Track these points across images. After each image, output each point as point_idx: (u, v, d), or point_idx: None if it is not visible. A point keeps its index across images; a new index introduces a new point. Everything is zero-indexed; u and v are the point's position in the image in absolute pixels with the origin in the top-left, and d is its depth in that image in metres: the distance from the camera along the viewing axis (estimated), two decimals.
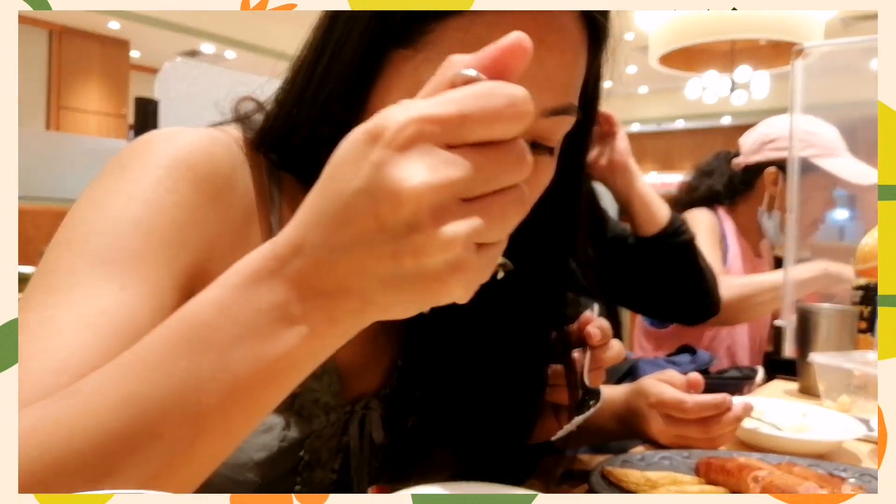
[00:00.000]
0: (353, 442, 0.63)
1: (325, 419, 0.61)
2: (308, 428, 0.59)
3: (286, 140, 0.58)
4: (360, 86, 0.53)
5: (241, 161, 0.58)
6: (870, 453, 0.86)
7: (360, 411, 0.64)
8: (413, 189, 0.30)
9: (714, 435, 0.80)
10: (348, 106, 0.53)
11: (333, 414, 0.62)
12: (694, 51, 7.70)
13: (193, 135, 0.54)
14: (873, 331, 1.27)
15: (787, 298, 1.59)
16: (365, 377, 0.66)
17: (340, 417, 0.63)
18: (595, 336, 0.69)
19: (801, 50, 1.68)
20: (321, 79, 0.54)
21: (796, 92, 1.66)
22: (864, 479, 0.69)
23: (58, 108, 7.94)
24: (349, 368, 0.64)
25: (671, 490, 0.64)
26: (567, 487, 0.73)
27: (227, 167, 0.55)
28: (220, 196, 0.54)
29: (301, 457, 0.59)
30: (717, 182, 1.87)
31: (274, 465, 0.57)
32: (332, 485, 0.63)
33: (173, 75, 1.30)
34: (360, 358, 0.65)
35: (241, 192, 0.56)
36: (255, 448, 0.56)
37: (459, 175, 0.31)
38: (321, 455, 0.61)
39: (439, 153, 0.31)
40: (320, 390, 0.61)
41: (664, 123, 12.51)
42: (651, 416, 0.82)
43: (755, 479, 0.62)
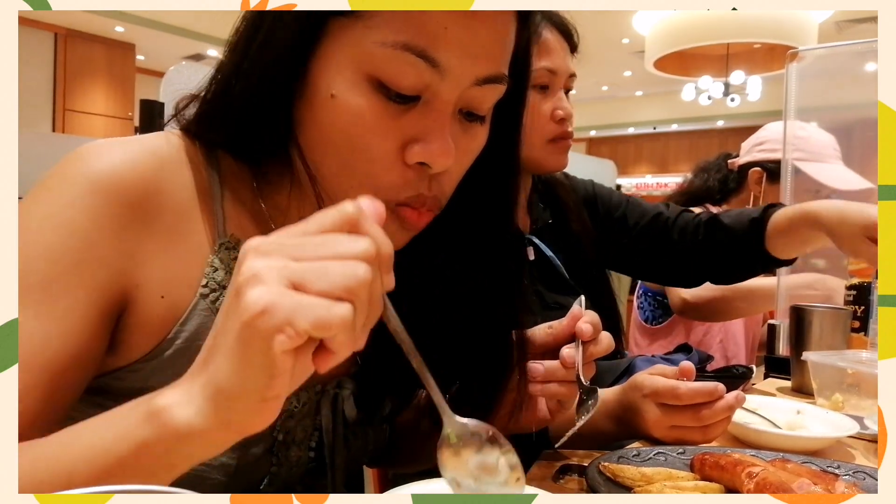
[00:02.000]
0: (325, 420, 0.64)
1: (294, 400, 0.62)
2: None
3: (223, 115, 0.59)
4: (300, 53, 0.54)
5: (177, 162, 0.58)
6: (863, 450, 0.87)
7: (331, 391, 0.66)
8: (251, 263, 0.37)
9: (707, 423, 0.81)
10: (288, 75, 0.54)
11: (304, 395, 0.63)
12: (689, 55, 7.73)
13: (113, 150, 0.55)
14: (867, 330, 1.28)
15: (781, 300, 1.60)
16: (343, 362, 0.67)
17: (312, 398, 0.64)
18: (587, 332, 0.69)
19: (795, 53, 1.69)
20: (260, 48, 0.55)
21: (790, 95, 1.68)
22: (857, 476, 0.70)
23: (64, 111, 7.94)
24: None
25: (666, 485, 0.65)
26: (564, 483, 0.73)
27: (150, 176, 0.55)
28: (142, 207, 0.55)
29: (275, 437, 0.60)
30: (713, 178, 1.94)
31: (247, 446, 0.59)
32: (310, 462, 0.64)
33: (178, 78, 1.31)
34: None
35: (173, 195, 0.57)
36: None
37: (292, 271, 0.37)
38: (296, 434, 0.62)
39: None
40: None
41: (659, 126, 12.55)
42: (646, 408, 0.83)
43: (749, 475, 0.63)
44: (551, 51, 1.08)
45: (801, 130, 1.72)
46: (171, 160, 0.58)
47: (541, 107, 1.10)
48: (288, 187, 0.61)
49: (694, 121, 11.92)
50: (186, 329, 0.56)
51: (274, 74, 0.54)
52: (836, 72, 1.75)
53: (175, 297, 0.56)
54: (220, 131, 0.60)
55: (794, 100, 1.68)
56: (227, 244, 0.58)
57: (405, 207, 0.55)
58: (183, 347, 0.56)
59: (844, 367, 1.02)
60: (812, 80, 1.69)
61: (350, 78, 0.52)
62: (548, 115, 1.10)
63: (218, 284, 0.57)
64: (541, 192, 1.25)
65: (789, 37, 6.21)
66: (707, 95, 8.21)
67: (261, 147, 0.59)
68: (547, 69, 1.08)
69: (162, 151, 0.58)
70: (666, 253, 1.26)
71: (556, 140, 1.12)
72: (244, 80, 0.56)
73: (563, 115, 1.11)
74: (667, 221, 1.27)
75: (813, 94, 1.71)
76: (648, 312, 1.95)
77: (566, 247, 1.21)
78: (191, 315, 0.56)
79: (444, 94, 0.53)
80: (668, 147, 12.87)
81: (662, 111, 12.18)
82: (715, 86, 8.03)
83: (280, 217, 0.62)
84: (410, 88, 0.52)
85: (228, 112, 0.58)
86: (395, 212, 0.55)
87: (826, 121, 1.76)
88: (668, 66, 7.85)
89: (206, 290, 0.57)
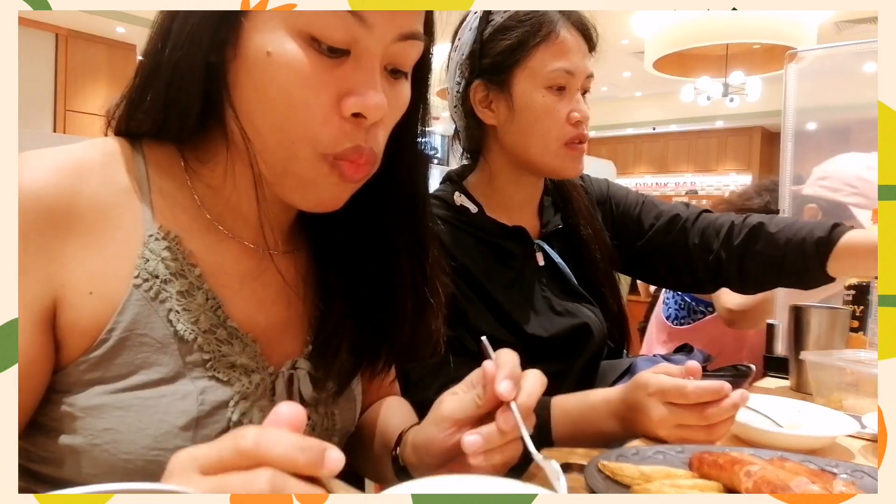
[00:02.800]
0: (279, 401, 0.65)
1: (247, 381, 0.63)
2: (229, 391, 0.62)
3: (148, 103, 0.61)
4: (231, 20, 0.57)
5: (100, 166, 0.61)
6: (861, 450, 0.87)
7: (287, 371, 0.67)
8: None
9: (712, 422, 0.80)
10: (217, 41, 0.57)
11: (256, 375, 0.64)
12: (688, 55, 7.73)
13: (30, 163, 0.58)
14: (865, 330, 1.28)
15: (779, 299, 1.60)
16: (288, 340, 0.69)
17: (266, 378, 0.65)
18: (508, 393, 0.59)
19: (794, 54, 1.70)
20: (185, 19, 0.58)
21: (789, 95, 1.68)
22: (855, 475, 0.70)
23: (64, 111, 7.94)
24: (269, 333, 0.67)
25: (665, 484, 0.65)
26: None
27: (65, 183, 0.58)
28: (58, 213, 0.57)
29: (229, 418, 0.61)
30: (774, 202, 1.84)
31: (201, 428, 0.60)
32: None
33: None
34: (279, 323, 0.69)
35: (93, 197, 0.59)
36: (174, 415, 0.58)
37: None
38: (253, 415, 0.63)
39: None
40: (234, 354, 0.63)
41: (659, 127, 12.55)
42: (651, 406, 0.83)
43: (748, 474, 0.63)
44: (569, 51, 1.05)
45: (869, 171, 1.63)
46: (92, 165, 0.60)
47: (557, 108, 1.06)
48: (223, 164, 0.64)
49: (693, 121, 11.92)
50: (123, 319, 0.58)
51: (202, 42, 0.57)
52: (836, 72, 1.75)
53: (106, 292, 0.58)
54: (145, 120, 0.63)
55: (793, 100, 1.68)
56: (157, 236, 0.61)
57: (344, 161, 0.59)
58: (122, 337, 0.58)
59: (843, 367, 1.02)
60: (811, 80, 1.69)
61: (283, 36, 0.56)
62: (564, 117, 1.06)
63: (150, 274, 0.60)
64: (553, 196, 1.23)
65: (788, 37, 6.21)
66: (706, 96, 8.21)
67: (190, 123, 0.62)
68: (565, 70, 1.05)
69: (82, 158, 0.60)
70: (682, 257, 1.20)
71: (571, 144, 1.08)
72: (173, 53, 0.59)
73: (579, 117, 1.07)
74: (685, 223, 1.21)
75: (812, 94, 1.71)
76: (672, 310, 1.96)
77: (576, 252, 1.19)
78: (126, 306, 0.58)
79: (372, 48, 0.57)
80: (667, 147, 12.87)
81: (661, 112, 12.18)
82: (714, 86, 8.03)
83: (213, 197, 0.65)
84: (341, 42, 0.56)
85: (154, 97, 0.61)
86: (334, 166, 0.59)
87: (825, 121, 1.76)
88: (668, 66, 7.85)
89: (139, 280, 0.59)
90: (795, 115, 1.69)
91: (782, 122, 1.70)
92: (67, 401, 0.58)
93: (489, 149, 1.14)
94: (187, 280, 0.61)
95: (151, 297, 0.59)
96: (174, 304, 0.60)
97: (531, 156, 1.08)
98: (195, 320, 0.61)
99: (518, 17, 1.06)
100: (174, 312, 0.60)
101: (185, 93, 0.59)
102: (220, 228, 0.66)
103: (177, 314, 0.60)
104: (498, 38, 1.06)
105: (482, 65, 1.07)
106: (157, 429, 0.57)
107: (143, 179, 0.62)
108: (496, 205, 1.14)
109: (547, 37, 1.04)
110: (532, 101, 1.05)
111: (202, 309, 0.62)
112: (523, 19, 1.05)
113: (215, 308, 0.63)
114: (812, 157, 1.74)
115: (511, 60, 1.05)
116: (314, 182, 0.60)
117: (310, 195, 0.61)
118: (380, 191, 0.69)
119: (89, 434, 0.57)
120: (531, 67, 1.05)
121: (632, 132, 12.89)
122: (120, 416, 0.57)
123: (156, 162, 0.64)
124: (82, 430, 0.57)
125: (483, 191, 1.15)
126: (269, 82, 0.56)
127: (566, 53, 1.05)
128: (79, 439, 0.57)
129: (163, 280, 0.60)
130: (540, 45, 1.04)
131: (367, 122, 0.58)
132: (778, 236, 1.10)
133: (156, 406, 0.58)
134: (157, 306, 0.60)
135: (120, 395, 0.57)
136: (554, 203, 1.23)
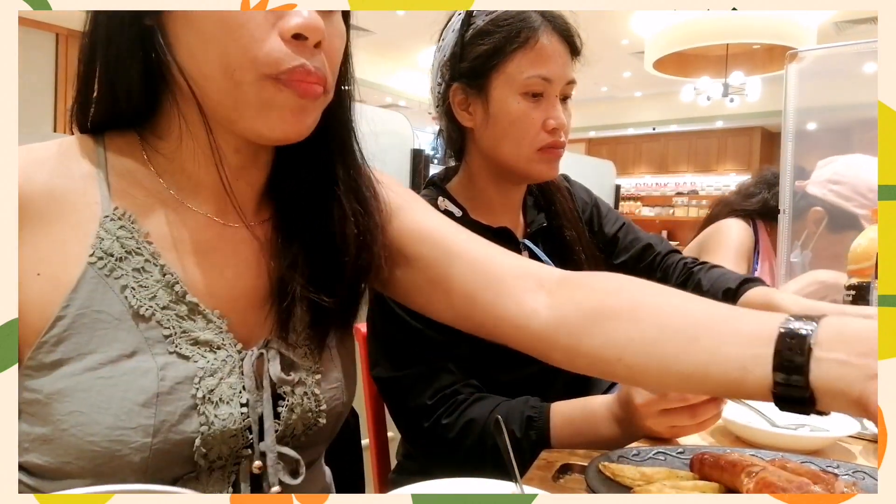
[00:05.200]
0: (247, 380, 0.65)
1: (212, 357, 0.63)
2: (192, 367, 0.62)
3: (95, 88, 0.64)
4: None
5: (57, 156, 0.63)
6: (863, 451, 0.87)
7: (257, 351, 0.66)
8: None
9: (701, 419, 0.84)
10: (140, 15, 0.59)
11: (223, 352, 0.64)
12: (688, 56, 7.74)
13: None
14: None
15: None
16: (256, 315, 0.69)
17: (233, 356, 0.65)
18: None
19: (794, 54, 1.70)
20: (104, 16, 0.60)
21: (790, 96, 1.68)
22: (857, 476, 0.70)
23: (65, 111, 7.96)
24: (237, 309, 0.67)
25: (665, 485, 0.65)
26: (564, 483, 0.74)
27: (40, 179, 0.61)
28: (39, 209, 0.60)
29: (194, 395, 0.61)
30: (774, 198, 1.83)
31: (163, 405, 0.59)
32: (245, 420, 0.64)
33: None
34: (245, 297, 0.68)
35: (45, 184, 0.61)
36: (135, 392, 0.58)
37: None
38: (222, 391, 0.63)
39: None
40: (196, 330, 0.63)
41: (659, 127, 12.55)
42: (634, 393, 0.86)
43: (748, 475, 0.63)
44: (548, 58, 1.04)
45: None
46: (47, 156, 0.63)
47: (531, 115, 1.04)
48: (177, 132, 0.65)
49: (693, 121, 11.93)
50: (78, 297, 0.59)
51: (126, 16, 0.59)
52: (836, 72, 1.75)
53: (56, 272, 0.59)
54: (98, 111, 0.65)
55: (793, 100, 1.68)
56: (112, 216, 0.62)
57: (292, 81, 0.59)
58: (78, 314, 0.59)
59: None
60: (811, 80, 1.69)
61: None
62: (539, 124, 1.05)
63: (105, 253, 0.61)
64: (535, 196, 1.24)
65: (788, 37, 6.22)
66: (706, 96, 8.22)
67: (136, 96, 0.63)
68: (541, 77, 1.03)
69: (38, 150, 0.63)
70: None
71: (545, 149, 1.07)
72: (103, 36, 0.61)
73: (554, 124, 1.05)
74: (655, 257, 1.27)
75: (812, 94, 1.71)
76: None
77: (560, 252, 1.20)
78: (80, 284, 0.59)
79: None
80: (667, 148, 12.88)
81: (661, 112, 12.19)
82: (714, 86, 8.04)
83: (172, 171, 0.66)
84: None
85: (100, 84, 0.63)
86: (281, 83, 0.59)
87: (825, 121, 1.76)
88: (668, 66, 7.86)
89: (94, 258, 0.60)
90: (796, 115, 1.68)
91: (782, 123, 1.70)
92: (33, 386, 0.58)
93: (468, 151, 1.14)
94: (143, 257, 0.62)
95: (106, 274, 0.60)
96: (130, 280, 0.61)
97: (504, 160, 1.08)
98: (152, 296, 0.62)
99: (498, 22, 1.05)
100: (129, 289, 0.61)
101: (123, 66, 0.61)
102: (182, 201, 0.66)
103: (132, 290, 0.61)
104: (477, 42, 1.05)
105: (461, 68, 1.07)
106: (119, 407, 0.57)
107: (100, 165, 0.64)
108: (479, 207, 1.14)
109: (525, 42, 1.03)
110: (507, 106, 1.05)
111: (159, 285, 0.62)
112: (502, 24, 1.04)
113: (172, 284, 0.63)
114: (812, 156, 1.74)
115: (489, 65, 1.05)
116: (268, 105, 0.60)
117: (272, 121, 0.60)
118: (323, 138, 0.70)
119: (57, 419, 0.57)
120: (508, 73, 1.04)
121: (632, 132, 12.90)
122: (83, 397, 0.57)
123: (115, 147, 0.66)
124: (50, 417, 0.57)
125: (466, 194, 1.15)
126: (206, 18, 0.57)
127: (544, 60, 1.04)
128: (48, 427, 0.57)
129: (117, 258, 0.61)
130: (517, 52, 1.03)
131: (309, 42, 0.59)
132: (704, 283, 1.20)
133: (116, 384, 0.58)
134: (112, 283, 0.60)
135: (82, 377, 0.57)
136: (536, 203, 1.23)
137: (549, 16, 1.06)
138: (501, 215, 1.16)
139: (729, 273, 1.22)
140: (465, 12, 1.07)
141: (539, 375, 1.05)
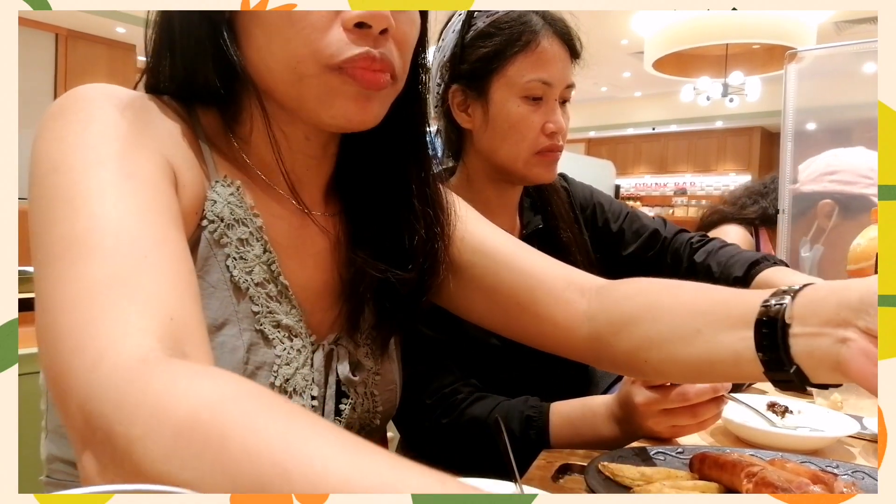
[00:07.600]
0: (317, 374, 0.65)
1: (289, 345, 0.63)
2: (271, 353, 0.61)
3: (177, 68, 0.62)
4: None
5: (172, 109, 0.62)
6: (862, 451, 0.87)
7: (328, 345, 0.66)
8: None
9: (702, 419, 0.83)
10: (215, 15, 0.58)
11: (298, 341, 0.64)
12: (687, 56, 7.75)
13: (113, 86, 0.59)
14: None
15: None
16: (325, 310, 0.68)
17: (307, 346, 0.64)
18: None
19: (794, 54, 1.70)
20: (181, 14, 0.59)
21: (789, 95, 1.68)
22: (856, 476, 0.70)
23: None
24: (311, 299, 0.66)
25: (665, 485, 0.65)
26: (564, 483, 0.74)
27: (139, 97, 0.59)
28: (145, 120, 0.57)
29: (272, 383, 0.60)
30: (772, 206, 1.82)
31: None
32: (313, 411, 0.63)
33: None
34: (318, 289, 0.68)
35: (171, 129, 0.60)
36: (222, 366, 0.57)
37: None
38: (296, 383, 0.63)
39: None
40: (280, 313, 0.62)
41: (658, 127, 12.56)
42: (635, 392, 0.85)
43: (748, 475, 0.63)
44: (548, 62, 1.04)
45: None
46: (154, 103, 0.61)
47: (531, 118, 1.05)
48: (250, 118, 0.64)
49: (693, 121, 11.94)
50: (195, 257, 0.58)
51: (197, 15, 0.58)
52: (835, 72, 1.75)
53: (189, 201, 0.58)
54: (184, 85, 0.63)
55: (792, 100, 1.68)
56: (223, 183, 0.61)
57: (355, 69, 0.57)
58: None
59: None
60: (811, 80, 1.69)
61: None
62: (538, 127, 1.05)
63: (216, 216, 0.59)
64: (532, 198, 1.23)
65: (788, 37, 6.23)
66: (706, 96, 8.22)
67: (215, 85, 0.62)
68: (542, 81, 1.03)
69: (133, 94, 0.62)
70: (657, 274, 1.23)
71: (542, 152, 1.07)
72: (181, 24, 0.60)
73: (553, 128, 1.06)
74: (664, 242, 1.25)
75: (812, 94, 1.71)
76: None
77: (556, 254, 1.20)
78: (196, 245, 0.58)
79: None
80: (667, 147, 12.89)
81: (661, 112, 12.19)
82: (713, 86, 8.04)
83: (247, 149, 0.65)
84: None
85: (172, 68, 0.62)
86: (345, 73, 0.57)
87: (825, 121, 1.76)
88: (667, 66, 7.87)
89: (206, 222, 0.59)
90: (795, 115, 1.68)
91: (782, 122, 1.70)
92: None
93: (466, 151, 1.14)
94: (248, 229, 0.61)
95: (214, 241, 0.59)
96: (233, 250, 0.60)
97: (502, 162, 1.08)
98: (250, 270, 0.60)
99: (499, 24, 1.04)
100: (231, 259, 0.60)
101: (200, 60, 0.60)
102: (270, 183, 0.65)
103: (234, 261, 0.60)
104: (478, 44, 1.05)
105: (461, 70, 1.07)
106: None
107: (199, 132, 0.63)
108: (476, 207, 1.13)
109: (526, 46, 1.03)
110: (507, 109, 1.05)
111: (258, 260, 0.61)
112: (503, 26, 1.04)
113: (270, 262, 0.62)
114: (812, 156, 1.73)
115: (489, 68, 1.04)
116: (331, 95, 0.58)
117: (336, 110, 0.59)
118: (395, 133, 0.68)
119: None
120: (508, 76, 1.04)
121: (632, 132, 12.91)
122: None
123: (205, 120, 0.64)
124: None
125: (463, 195, 1.14)
126: (269, 14, 0.56)
127: (545, 64, 1.04)
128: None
129: (227, 224, 0.60)
130: (518, 55, 1.03)
131: (374, 30, 0.57)
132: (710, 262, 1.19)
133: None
134: (217, 251, 0.59)
135: None
136: (533, 204, 1.23)
137: (549, 19, 1.06)
138: (498, 216, 1.15)
139: (737, 255, 1.19)
140: (466, 13, 1.07)
141: (539, 375, 1.05)
